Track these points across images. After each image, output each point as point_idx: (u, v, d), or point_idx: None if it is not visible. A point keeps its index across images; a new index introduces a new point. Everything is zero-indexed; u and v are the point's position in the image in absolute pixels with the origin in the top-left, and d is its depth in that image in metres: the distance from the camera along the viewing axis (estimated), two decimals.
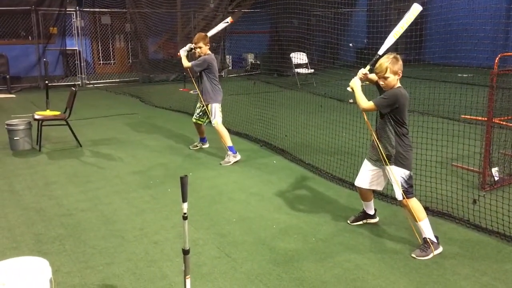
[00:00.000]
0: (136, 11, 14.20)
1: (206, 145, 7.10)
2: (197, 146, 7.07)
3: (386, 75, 3.79)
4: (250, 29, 16.69)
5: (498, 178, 5.29)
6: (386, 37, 4.18)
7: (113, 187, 5.49)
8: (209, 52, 6.47)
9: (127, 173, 5.98)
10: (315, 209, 4.85)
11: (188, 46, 6.57)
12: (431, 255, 3.86)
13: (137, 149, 7.13)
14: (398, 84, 3.89)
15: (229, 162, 6.36)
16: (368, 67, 4.01)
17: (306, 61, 13.65)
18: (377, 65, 3.87)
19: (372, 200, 4.42)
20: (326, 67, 14.44)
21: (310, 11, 15.65)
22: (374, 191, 4.46)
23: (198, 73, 6.52)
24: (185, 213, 3.11)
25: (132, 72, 15.75)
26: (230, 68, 17.57)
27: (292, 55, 13.61)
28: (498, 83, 7.08)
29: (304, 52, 13.67)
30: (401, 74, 3.85)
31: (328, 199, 5.13)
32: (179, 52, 6.64)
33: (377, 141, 3.93)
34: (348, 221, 4.48)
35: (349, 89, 4.02)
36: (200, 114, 6.72)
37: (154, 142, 7.52)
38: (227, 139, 6.49)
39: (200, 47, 6.35)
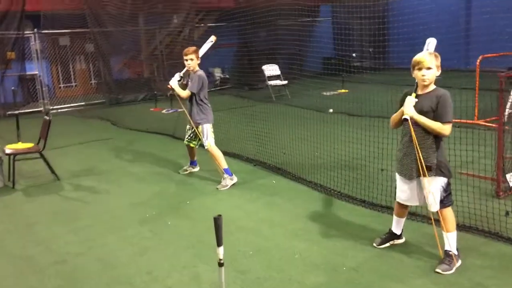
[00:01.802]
0: (99, 30, 13.58)
1: (197, 169, 6.64)
2: (187, 170, 6.60)
3: (431, 65, 3.60)
4: (218, 44, 16.32)
5: None
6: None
7: (105, 224, 4.96)
8: (198, 68, 6.07)
9: (118, 207, 5.46)
10: (333, 232, 4.50)
11: (177, 75, 6.12)
12: (454, 269, 3.67)
13: (122, 178, 6.59)
14: (434, 85, 3.72)
15: (227, 185, 5.94)
16: (414, 94, 3.71)
17: (279, 73, 13.38)
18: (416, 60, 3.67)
19: (405, 218, 4.12)
20: (295, 78, 14.28)
21: (277, 22, 15.51)
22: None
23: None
24: (221, 259, 2.69)
25: (98, 94, 15.05)
26: None
27: (264, 67, 13.33)
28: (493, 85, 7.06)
29: (275, 63, 13.42)
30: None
31: (343, 220, 4.79)
32: (169, 84, 6.11)
33: (419, 152, 3.62)
34: (375, 244, 4.14)
35: (406, 116, 3.64)
36: (192, 136, 6.28)
37: (139, 169, 6.99)
38: (222, 161, 6.08)
39: (191, 59, 5.92)
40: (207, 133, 6.05)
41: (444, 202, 3.70)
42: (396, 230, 4.14)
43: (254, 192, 5.73)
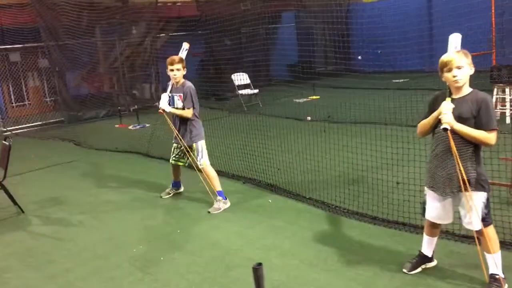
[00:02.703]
0: (54, 43, 12.67)
1: (181, 189, 6.00)
2: (170, 193, 5.94)
3: (462, 64, 3.19)
4: (177, 54, 15.69)
5: None
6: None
7: (86, 266, 4.26)
8: (183, 79, 5.48)
9: (98, 243, 4.76)
10: (351, 257, 4.00)
11: (165, 95, 5.47)
12: None
13: (96, 207, 5.87)
14: (469, 87, 3.29)
15: (220, 209, 5.35)
16: (449, 98, 3.25)
17: (249, 82, 12.88)
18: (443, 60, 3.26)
19: (437, 238, 3.66)
20: (264, 86, 13.85)
21: (241, 30, 15.07)
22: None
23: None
24: None
25: (55, 112, 14.06)
26: None
27: (233, 76, 12.80)
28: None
29: (244, 72, 12.92)
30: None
31: (358, 242, 4.29)
32: (160, 108, 5.44)
33: (459, 164, 3.17)
34: (405, 270, 3.66)
35: (446, 126, 3.17)
36: (180, 154, 5.65)
37: (115, 195, 6.28)
38: (217, 182, 5.49)
39: (178, 69, 5.32)
40: (202, 151, 5.47)
41: (486, 220, 3.27)
42: (428, 252, 3.68)
43: (251, 214, 5.16)
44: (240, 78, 12.71)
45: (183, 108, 5.40)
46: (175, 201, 5.81)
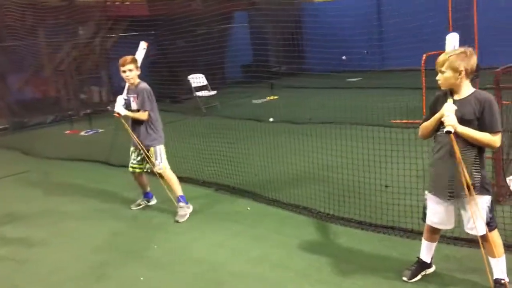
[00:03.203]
0: None
1: (153, 201, 5.62)
2: (141, 205, 5.55)
3: (443, 69, 3.07)
4: (128, 54, 15.10)
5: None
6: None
7: None
8: (138, 80, 5.13)
9: (65, 263, 4.32)
10: (345, 267, 3.82)
11: (121, 98, 5.09)
12: None
13: (58, 221, 5.39)
14: (470, 87, 3.12)
15: (186, 214, 5.09)
16: (451, 99, 3.12)
17: (206, 83, 12.54)
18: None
19: (436, 243, 3.54)
20: (221, 87, 13.57)
21: (194, 30, 14.70)
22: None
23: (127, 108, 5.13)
24: None
25: None
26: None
27: (190, 78, 12.42)
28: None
29: (201, 73, 12.58)
30: (467, 74, 3.07)
31: (348, 249, 4.13)
32: (116, 112, 5.05)
33: (463, 168, 3.04)
34: (405, 278, 3.52)
35: (449, 129, 3.02)
36: (138, 159, 5.29)
37: (76, 207, 5.80)
38: (178, 187, 5.22)
39: (130, 70, 4.98)
40: (161, 154, 5.15)
41: (491, 224, 3.17)
42: (427, 258, 3.55)
43: (231, 224, 4.88)
44: (197, 79, 12.35)
45: (138, 111, 5.06)
46: (144, 212, 5.43)
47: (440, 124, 3.14)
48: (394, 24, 15.48)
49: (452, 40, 3.34)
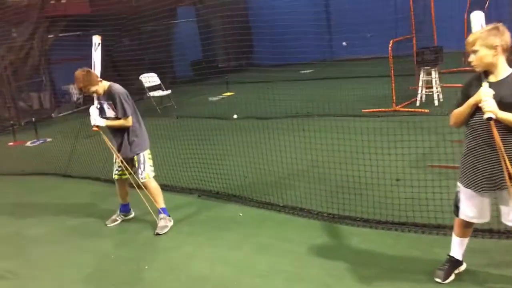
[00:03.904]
0: None
1: (132, 215, 5.06)
2: (118, 220, 4.97)
3: (476, 47, 2.82)
4: (70, 56, 14.16)
5: None
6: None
7: None
8: (108, 83, 4.57)
9: None
10: (367, 271, 3.50)
11: (94, 108, 4.56)
12: None
13: (24, 247, 4.71)
14: (508, 67, 2.86)
15: (167, 226, 4.62)
16: (486, 83, 2.83)
17: (159, 82, 11.90)
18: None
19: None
20: (172, 86, 12.97)
21: (140, 27, 13.99)
22: None
23: (102, 116, 4.58)
24: None
25: None
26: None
27: (142, 77, 11.73)
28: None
29: (150, 72, 11.93)
30: (503, 51, 2.81)
31: (364, 251, 3.81)
32: (95, 126, 4.54)
33: (505, 158, 2.78)
34: (439, 280, 3.24)
35: (490, 115, 2.73)
36: (123, 166, 4.73)
37: (43, 229, 5.12)
38: (161, 199, 4.72)
39: (93, 92, 4.46)
40: (145, 162, 4.63)
41: None
42: (459, 255, 3.29)
43: (226, 233, 4.43)
44: (150, 79, 11.68)
45: (117, 117, 4.51)
46: (123, 228, 4.86)
47: (476, 109, 2.88)
48: (342, 15, 15.56)
49: (478, 18, 3.08)
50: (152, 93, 11.65)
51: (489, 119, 2.76)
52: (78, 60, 14.78)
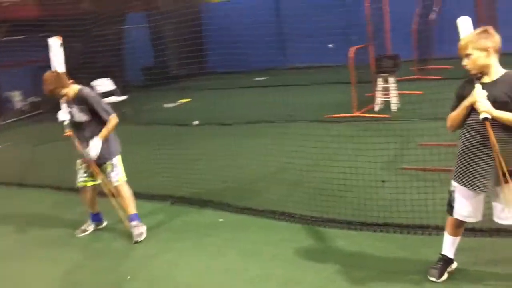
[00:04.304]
0: None
1: (104, 224, 4.80)
2: (88, 230, 4.70)
3: (468, 51, 2.88)
4: (15, 60, 13.49)
5: None
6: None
7: None
8: (77, 86, 4.36)
9: None
10: (359, 273, 3.48)
11: (64, 113, 4.27)
12: None
13: None
14: (501, 68, 2.94)
15: (142, 233, 4.41)
16: (479, 84, 2.90)
17: (114, 88, 11.52)
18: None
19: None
20: (125, 92, 12.61)
21: (90, 31, 13.52)
22: None
23: (71, 121, 4.35)
24: None
25: None
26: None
27: (95, 83, 11.31)
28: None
29: (104, 77, 11.55)
30: (495, 52, 2.89)
31: (353, 253, 3.79)
32: (67, 131, 4.33)
33: (499, 156, 2.85)
34: (434, 279, 3.26)
35: (486, 115, 2.79)
36: (88, 172, 4.50)
37: (8, 242, 4.74)
38: (133, 204, 4.54)
39: (63, 95, 4.24)
40: (118, 165, 4.46)
41: None
42: (451, 254, 3.33)
43: (208, 240, 4.29)
44: (104, 84, 11.29)
45: (89, 121, 4.30)
46: (95, 238, 4.59)
47: (471, 110, 2.95)
48: (294, 22, 15.76)
49: (465, 23, 3.16)
50: (106, 99, 11.23)
51: (485, 119, 2.83)
52: (25, 65, 14.13)
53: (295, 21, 15.66)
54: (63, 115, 4.28)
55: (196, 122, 9.44)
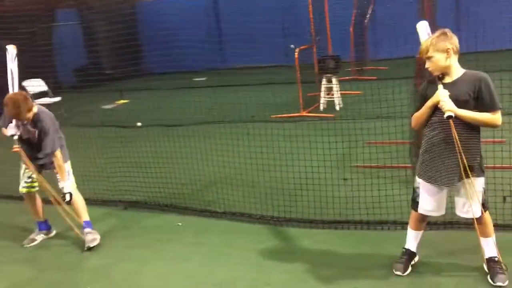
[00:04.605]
0: None
1: (53, 233, 4.51)
2: (36, 240, 4.40)
3: (430, 54, 3.00)
4: None
5: None
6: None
7: None
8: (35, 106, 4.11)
9: None
10: (330, 272, 3.51)
11: (12, 128, 3.98)
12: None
13: None
14: (460, 68, 3.07)
15: (96, 239, 4.21)
16: (440, 84, 3.01)
17: (46, 88, 10.93)
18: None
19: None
20: (58, 92, 12.01)
21: (18, 28, 12.74)
22: None
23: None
24: None
25: None
26: None
27: (26, 83, 10.65)
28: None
29: (40, 77, 10.93)
30: (454, 53, 3.01)
31: (320, 252, 3.82)
32: (14, 147, 4.03)
33: (461, 153, 2.98)
34: (399, 272, 3.35)
35: (450, 114, 2.92)
36: (32, 178, 4.25)
37: None
38: (85, 211, 4.33)
39: (27, 118, 3.96)
40: (69, 171, 4.26)
41: (486, 205, 3.19)
42: (414, 247, 3.45)
43: (170, 245, 4.15)
44: (35, 85, 10.66)
45: (39, 141, 4.06)
46: (45, 248, 4.31)
47: (435, 110, 3.06)
48: (232, 22, 15.76)
49: (424, 27, 3.29)
50: (38, 101, 10.63)
51: (449, 117, 2.95)
52: None
53: (233, 21, 15.68)
54: (12, 129, 3.98)
55: (139, 124, 9.17)
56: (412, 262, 3.45)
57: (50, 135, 4.01)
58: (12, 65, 4.31)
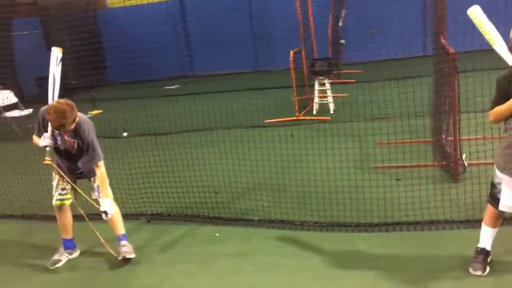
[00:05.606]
0: None
1: (77, 252, 4.06)
2: (62, 261, 3.94)
3: None
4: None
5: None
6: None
7: None
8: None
9: None
10: (405, 276, 3.32)
11: (47, 139, 3.58)
12: None
13: None
14: None
15: (132, 252, 3.85)
16: None
17: (16, 100, 10.22)
18: None
19: None
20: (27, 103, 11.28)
21: None
22: None
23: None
24: None
25: None
26: None
27: None
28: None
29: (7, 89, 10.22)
30: None
31: (372, 255, 3.63)
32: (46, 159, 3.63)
33: None
34: (480, 273, 3.21)
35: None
36: (69, 187, 3.86)
37: None
38: (122, 223, 4.00)
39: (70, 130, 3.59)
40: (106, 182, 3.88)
41: None
42: (489, 245, 3.31)
43: (216, 258, 3.82)
44: (5, 97, 9.94)
45: (79, 152, 3.72)
46: (73, 268, 3.86)
47: None
48: (201, 28, 15.43)
49: (481, 11, 3.15)
50: (8, 113, 9.91)
51: None
52: None
53: (201, 28, 15.34)
54: (47, 140, 3.56)
55: (125, 134, 8.70)
56: (489, 260, 3.31)
57: (95, 146, 3.67)
58: (56, 69, 3.91)
